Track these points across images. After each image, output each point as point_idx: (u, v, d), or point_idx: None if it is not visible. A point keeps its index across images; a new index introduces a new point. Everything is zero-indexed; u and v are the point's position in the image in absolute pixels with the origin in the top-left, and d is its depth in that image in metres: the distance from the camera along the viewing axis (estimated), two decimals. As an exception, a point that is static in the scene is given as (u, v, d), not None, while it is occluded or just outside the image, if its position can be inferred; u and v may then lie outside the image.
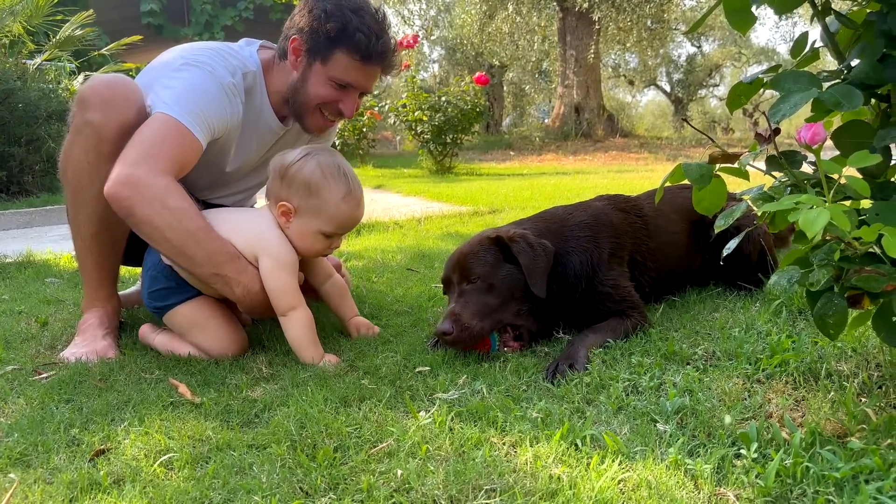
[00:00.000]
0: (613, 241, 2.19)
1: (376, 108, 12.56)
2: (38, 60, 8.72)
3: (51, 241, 5.08)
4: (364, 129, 13.19)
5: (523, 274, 2.00)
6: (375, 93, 13.17)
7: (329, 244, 2.09)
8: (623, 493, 1.17)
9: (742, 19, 1.41)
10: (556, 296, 2.07)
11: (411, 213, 5.60)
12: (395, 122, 11.93)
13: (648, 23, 19.58)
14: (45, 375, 1.97)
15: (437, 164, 11.34)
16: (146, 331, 2.20)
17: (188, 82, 2.07)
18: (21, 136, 7.49)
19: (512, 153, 17.26)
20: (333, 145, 2.88)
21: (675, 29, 20.80)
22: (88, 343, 2.16)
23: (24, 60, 8.44)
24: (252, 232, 2.04)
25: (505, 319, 1.99)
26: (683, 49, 31.60)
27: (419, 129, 10.92)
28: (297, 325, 2.00)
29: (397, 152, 19.62)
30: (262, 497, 1.22)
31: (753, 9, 1.39)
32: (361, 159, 13.71)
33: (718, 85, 33.31)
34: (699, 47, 30.85)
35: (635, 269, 2.24)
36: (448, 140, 11.09)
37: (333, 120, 2.30)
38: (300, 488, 1.26)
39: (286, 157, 2.05)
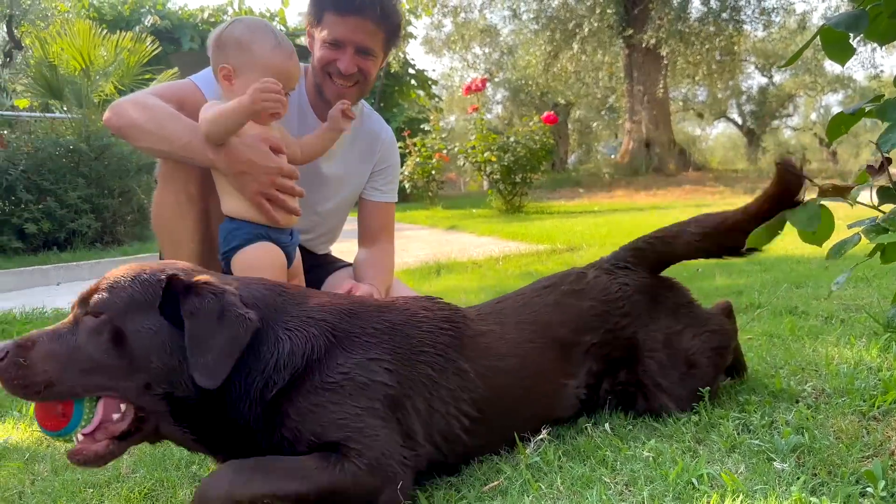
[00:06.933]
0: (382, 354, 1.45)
1: (445, 151, 12.82)
2: (129, 117, 9.26)
3: (146, 287, 5.33)
4: (433, 172, 13.47)
5: (182, 337, 1.32)
6: (443, 136, 13.38)
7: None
8: (747, 533, 1.15)
9: (841, 52, 1.41)
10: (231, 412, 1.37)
11: (488, 253, 5.64)
12: (463, 164, 12.12)
13: (717, 56, 19.38)
14: (159, 415, 2.06)
15: (506, 204, 11.42)
16: None
17: None
18: (114, 189, 7.98)
19: (581, 190, 17.19)
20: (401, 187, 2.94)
21: (745, 60, 20.48)
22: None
23: (117, 118, 8.99)
24: (217, 109, 2.05)
25: (113, 391, 1.32)
26: (754, 80, 30.98)
27: (488, 169, 11.06)
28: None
29: (463, 193, 19.83)
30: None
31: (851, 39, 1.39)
32: (431, 200, 13.95)
33: (792, 115, 32.48)
34: (770, 77, 30.21)
35: (443, 405, 1.47)
36: (518, 179, 11.20)
37: (342, 84, 2.30)
38: (418, 525, 1.28)
39: (217, 28, 2.12)
